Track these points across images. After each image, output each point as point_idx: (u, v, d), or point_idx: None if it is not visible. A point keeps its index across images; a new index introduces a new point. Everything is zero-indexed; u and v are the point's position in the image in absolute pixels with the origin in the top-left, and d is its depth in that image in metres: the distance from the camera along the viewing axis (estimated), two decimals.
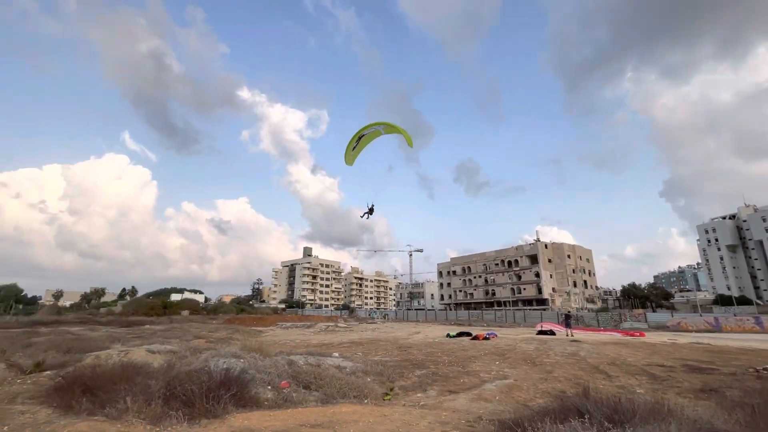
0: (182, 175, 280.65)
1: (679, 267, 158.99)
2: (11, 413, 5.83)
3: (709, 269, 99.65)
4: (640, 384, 10.14)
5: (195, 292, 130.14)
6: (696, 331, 34.06)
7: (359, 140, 13.69)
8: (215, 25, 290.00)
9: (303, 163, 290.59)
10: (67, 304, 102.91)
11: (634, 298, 73.62)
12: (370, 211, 15.61)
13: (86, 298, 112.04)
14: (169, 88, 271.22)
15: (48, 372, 9.07)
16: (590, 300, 78.25)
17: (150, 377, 7.60)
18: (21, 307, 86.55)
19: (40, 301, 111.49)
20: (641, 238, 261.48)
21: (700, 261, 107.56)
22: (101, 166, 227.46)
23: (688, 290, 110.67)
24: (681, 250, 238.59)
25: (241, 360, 9.19)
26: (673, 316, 41.90)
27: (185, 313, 63.88)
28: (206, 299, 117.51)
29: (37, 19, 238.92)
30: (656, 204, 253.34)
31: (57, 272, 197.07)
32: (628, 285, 79.60)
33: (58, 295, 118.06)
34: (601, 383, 10.08)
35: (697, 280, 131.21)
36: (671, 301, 76.29)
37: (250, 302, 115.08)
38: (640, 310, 50.15)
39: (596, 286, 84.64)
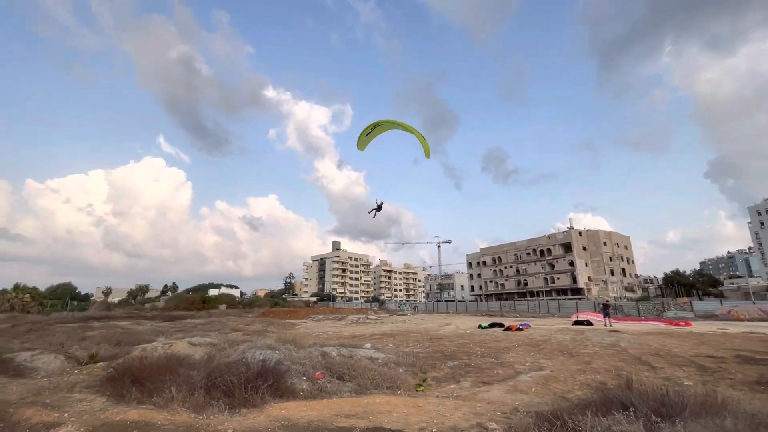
0: (214, 175, 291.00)
1: (729, 252, 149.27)
2: (70, 401, 6.27)
3: (762, 254, 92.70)
4: (688, 376, 9.61)
5: (231, 287, 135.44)
6: (749, 320, 31.90)
7: (374, 129, 13.68)
8: (239, 28, 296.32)
9: (329, 159, 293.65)
10: (116, 300, 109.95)
11: (678, 285, 69.75)
12: (378, 208, 15.65)
13: (132, 294, 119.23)
14: (199, 91, 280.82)
15: (101, 363, 9.71)
16: (629, 288, 74.92)
17: (192, 368, 7.96)
18: (75, 303, 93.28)
19: (92, 298, 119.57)
20: (685, 222, 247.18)
21: (752, 245, 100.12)
22: (140, 170, 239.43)
23: (738, 276, 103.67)
24: (730, 234, 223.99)
25: (277, 351, 9.45)
26: (722, 304, 39.44)
27: (222, 307, 66.60)
28: (242, 294, 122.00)
29: (76, 33, 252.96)
30: (701, 186, 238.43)
31: (106, 271, 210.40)
32: (671, 272, 75.63)
33: (107, 292, 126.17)
34: (644, 375, 9.63)
35: (748, 266, 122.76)
36: (720, 288, 71.59)
37: (283, 296, 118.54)
38: (685, 299, 47.51)
39: (635, 274, 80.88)
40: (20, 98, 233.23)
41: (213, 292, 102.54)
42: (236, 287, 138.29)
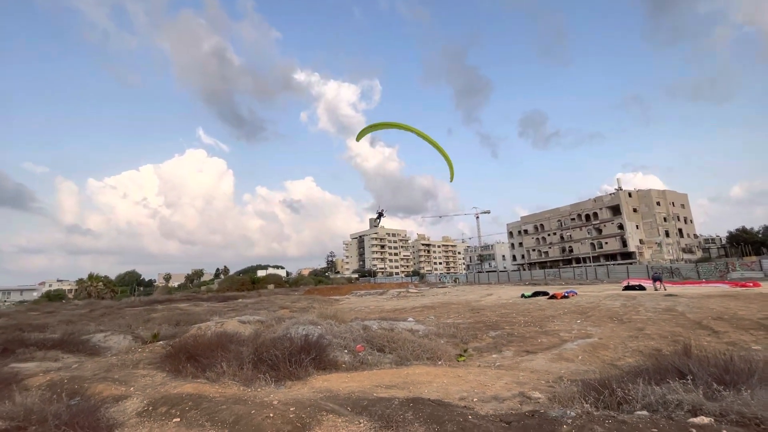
0: (253, 161, 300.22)
1: None
2: (135, 376, 6.87)
3: None
4: (757, 340, 8.85)
5: (277, 267, 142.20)
6: None
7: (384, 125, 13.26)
8: (264, 13, 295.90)
9: None
10: (175, 284, 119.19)
11: (745, 244, 63.96)
12: (379, 216, 15.61)
13: (189, 278, 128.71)
14: (233, 81, 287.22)
15: (161, 342, 10.55)
16: (687, 250, 69.90)
17: (241, 344, 8.42)
18: (141, 289, 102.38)
19: (155, 284, 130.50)
20: (753, 174, 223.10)
21: None
22: (184, 162, 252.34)
23: None
24: None
25: (319, 327, 9.77)
26: None
27: (270, 287, 70.25)
28: (287, 273, 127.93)
29: (116, 36, 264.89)
30: None
31: (164, 258, 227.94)
32: (737, 230, 69.38)
33: (167, 277, 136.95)
34: (705, 340, 9.00)
35: None
36: None
37: (326, 274, 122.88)
38: (754, 258, 43.61)
39: (694, 234, 75.11)
40: (74, 103, 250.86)
41: (261, 273, 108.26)
42: (282, 267, 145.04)
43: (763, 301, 15.75)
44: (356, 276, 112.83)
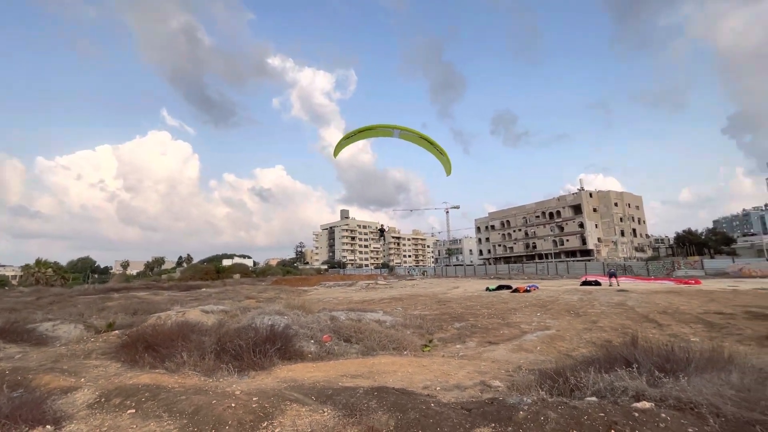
0: (221, 147, 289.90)
1: (744, 210, 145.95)
2: (87, 367, 6.52)
3: None
4: (695, 332, 9.62)
5: (244, 257, 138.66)
6: (761, 277, 31.67)
7: (361, 132, 12.43)
8: None
9: (334, 126, 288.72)
10: (134, 272, 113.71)
11: (690, 244, 69.06)
12: (381, 232, 15.48)
13: (149, 266, 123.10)
14: (203, 62, 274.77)
15: (117, 331, 10.06)
16: (640, 249, 74.55)
17: (203, 334, 8.18)
18: (96, 276, 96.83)
19: (111, 271, 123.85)
20: (699, 180, 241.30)
21: None
22: (146, 144, 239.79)
23: (753, 234, 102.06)
24: (746, 192, 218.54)
25: (285, 317, 9.65)
26: (734, 261, 39.14)
27: (236, 276, 68.44)
28: (254, 263, 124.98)
29: (73, 4, 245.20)
30: (718, 142, 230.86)
31: (123, 244, 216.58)
32: (683, 231, 74.66)
33: (125, 264, 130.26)
34: (651, 332, 9.67)
35: (763, 223, 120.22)
36: (732, 246, 70.78)
37: (295, 264, 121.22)
38: (696, 257, 47.18)
39: (646, 234, 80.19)
40: (23, 75, 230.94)
41: (227, 262, 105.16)
42: (249, 257, 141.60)
43: (702, 297, 17.12)
44: (325, 267, 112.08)
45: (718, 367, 4.31)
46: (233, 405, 4.09)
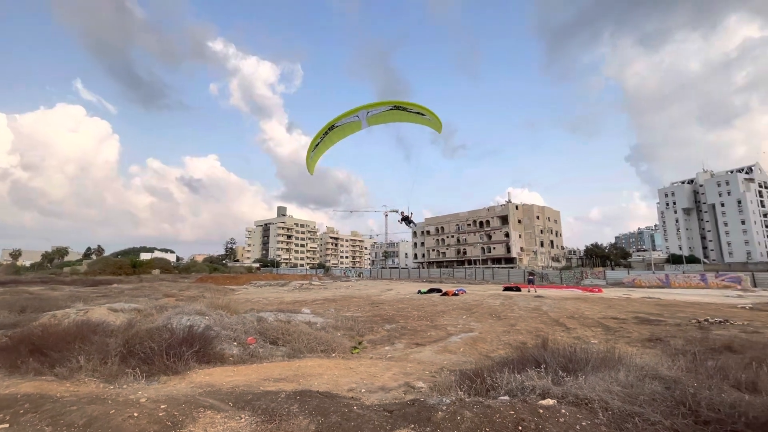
0: (147, 129, 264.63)
1: (639, 228, 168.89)
2: None
3: (665, 230, 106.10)
4: (595, 335, 10.79)
5: (166, 251, 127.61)
6: (648, 287, 36.66)
7: (325, 135, 10.92)
8: None
9: (277, 120, 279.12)
10: (27, 263, 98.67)
11: (596, 257, 78.04)
12: (406, 220, 15.00)
13: (48, 257, 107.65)
14: (132, 35, 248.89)
15: None
16: (555, 259, 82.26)
17: (108, 336, 7.33)
18: None
19: None
20: (606, 201, 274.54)
21: (657, 223, 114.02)
22: (53, 117, 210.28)
23: (644, 250, 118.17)
24: (642, 213, 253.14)
25: (207, 317, 9.01)
26: (629, 273, 44.80)
27: (156, 272, 62.70)
28: (178, 258, 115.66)
29: None
30: (622, 168, 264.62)
31: (15, 230, 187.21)
32: (591, 245, 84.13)
33: (16, 254, 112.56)
34: (559, 335, 10.65)
35: (653, 241, 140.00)
36: (629, 260, 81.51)
37: (224, 261, 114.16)
38: (600, 268, 53.26)
39: (562, 246, 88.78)
40: None
41: (146, 256, 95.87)
42: (172, 251, 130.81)
43: (603, 304, 19.35)
44: (257, 266, 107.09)
45: (610, 366, 4.87)
46: (136, 414, 3.70)
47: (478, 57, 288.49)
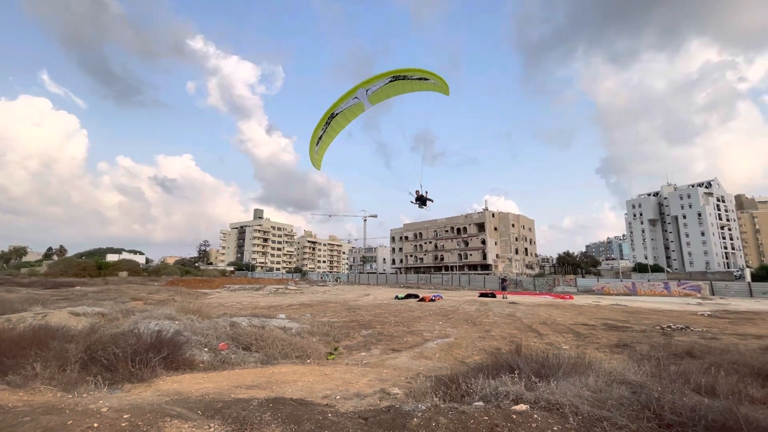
0: (118, 126, 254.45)
1: (608, 238, 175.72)
2: None
3: (632, 240, 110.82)
4: (566, 341, 11.08)
5: (135, 252, 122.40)
6: (616, 294, 38.10)
7: (327, 126, 10.32)
8: None
9: (256, 121, 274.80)
10: None
11: (568, 265, 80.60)
12: (420, 199, 13.35)
13: (5, 257, 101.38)
14: (107, 29, 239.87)
15: None
16: (529, 266, 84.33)
17: (68, 341, 6.94)
18: None
19: None
20: (577, 210, 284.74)
21: (625, 233, 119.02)
22: (15, 109, 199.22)
23: (613, 259, 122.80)
24: (611, 223, 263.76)
25: (176, 322, 8.68)
26: (598, 281, 46.39)
27: (123, 274, 60.01)
28: (147, 260, 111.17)
29: None
30: (593, 180, 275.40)
31: None
32: (563, 253, 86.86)
33: None
34: (533, 341, 10.87)
35: (621, 250, 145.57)
36: (598, 268, 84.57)
37: (196, 264, 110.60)
38: (572, 276, 54.96)
39: (536, 254, 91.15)
40: None
41: (113, 257, 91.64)
42: (141, 253, 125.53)
43: (574, 310, 19.93)
44: (232, 269, 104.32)
45: (580, 372, 5.00)
46: (96, 425, 3.50)
47: (459, 67, 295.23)
